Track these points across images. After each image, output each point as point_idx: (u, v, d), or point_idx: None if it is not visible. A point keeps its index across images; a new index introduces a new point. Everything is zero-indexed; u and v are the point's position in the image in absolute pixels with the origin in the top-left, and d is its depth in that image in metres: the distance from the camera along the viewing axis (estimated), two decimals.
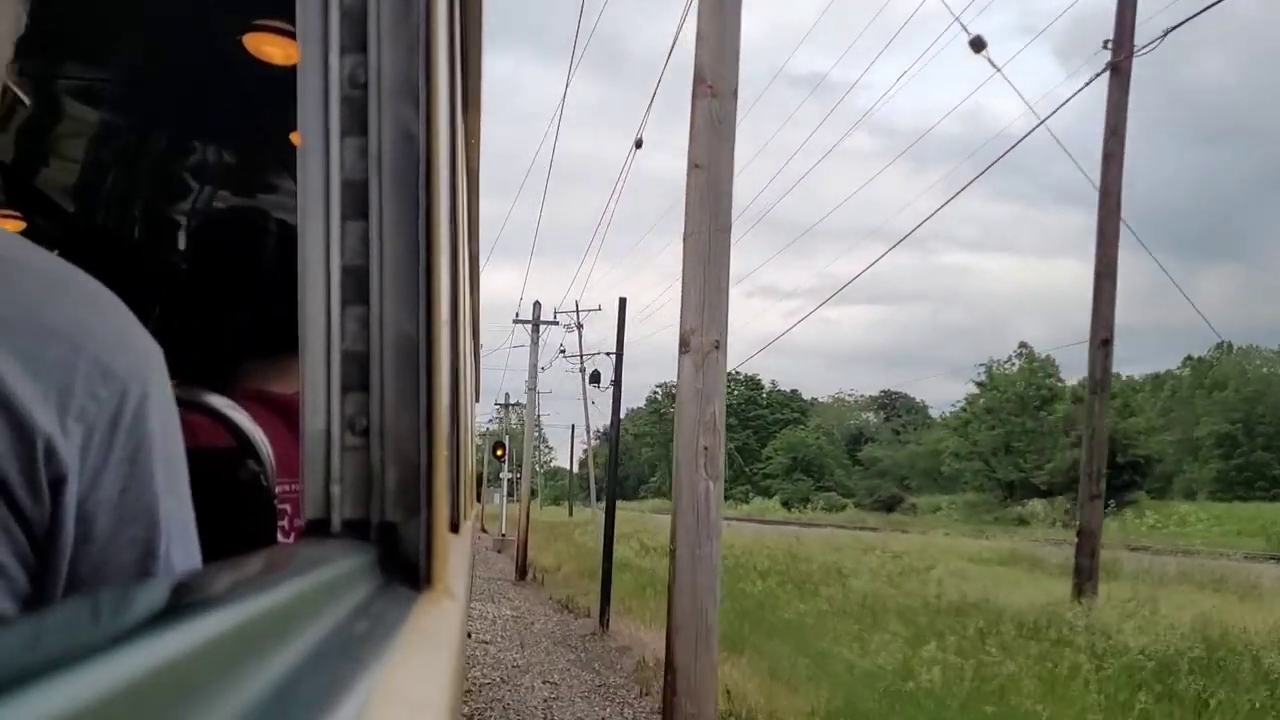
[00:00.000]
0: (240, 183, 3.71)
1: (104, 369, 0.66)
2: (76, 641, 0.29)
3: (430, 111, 0.71)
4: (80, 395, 0.64)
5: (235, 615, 0.37)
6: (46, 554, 0.64)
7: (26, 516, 0.62)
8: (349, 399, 0.69)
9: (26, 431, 0.61)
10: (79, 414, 0.64)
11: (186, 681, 0.30)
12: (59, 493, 0.63)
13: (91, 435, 0.65)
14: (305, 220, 0.68)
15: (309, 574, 0.51)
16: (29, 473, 0.61)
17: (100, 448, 0.66)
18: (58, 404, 0.63)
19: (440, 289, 0.72)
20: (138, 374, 0.69)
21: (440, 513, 0.73)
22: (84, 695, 0.24)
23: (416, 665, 0.52)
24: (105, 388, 0.66)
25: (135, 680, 0.27)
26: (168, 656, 0.30)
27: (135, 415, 0.68)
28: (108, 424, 0.66)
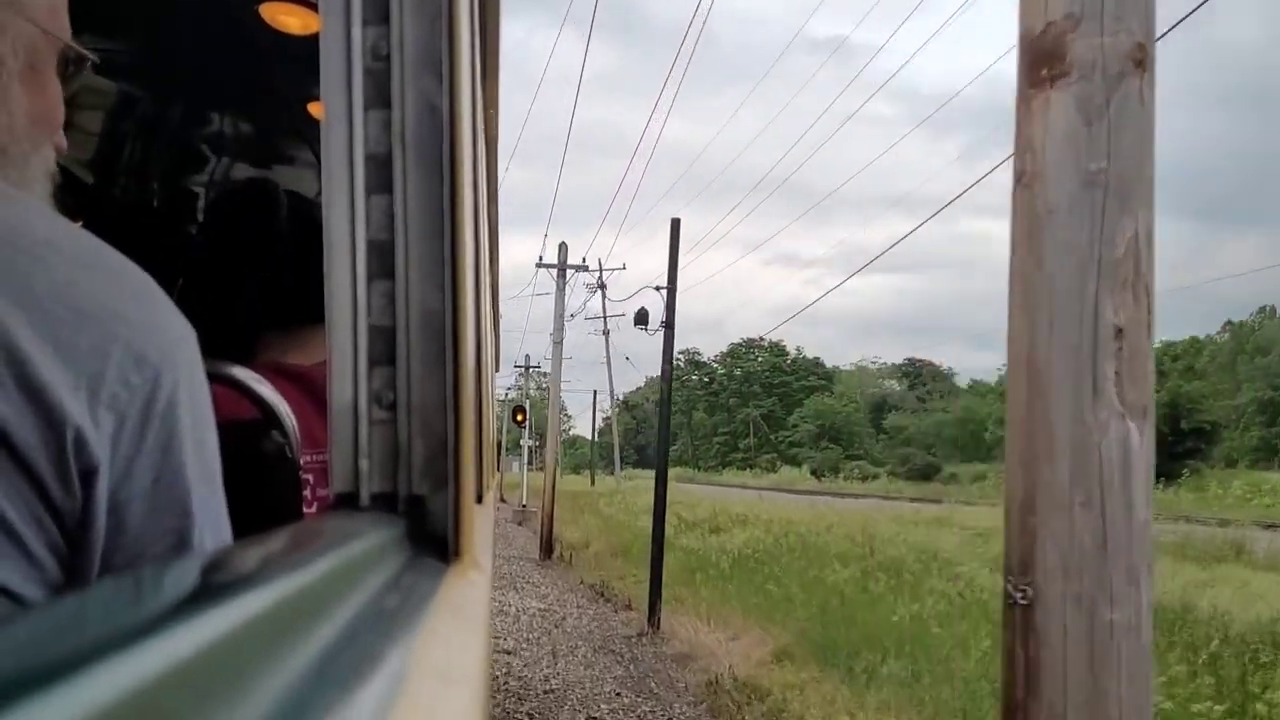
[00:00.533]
0: (257, 154, 3.71)
1: (137, 355, 0.64)
2: (117, 624, 0.29)
3: (453, 83, 0.71)
4: (112, 383, 0.63)
5: (272, 593, 0.37)
6: (79, 545, 0.63)
7: (58, 507, 0.61)
8: (376, 373, 0.69)
9: (57, 421, 0.59)
10: (110, 402, 0.63)
11: (228, 662, 0.31)
12: (90, 484, 0.62)
13: (123, 424, 0.64)
14: (329, 195, 0.68)
15: (340, 549, 0.52)
16: (59, 463, 0.60)
17: (132, 437, 0.64)
18: (89, 392, 0.61)
19: (464, 262, 0.72)
20: (170, 359, 0.68)
21: (467, 485, 0.73)
22: (127, 678, 0.24)
23: (449, 637, 0.53)
24: (138, 374, 0.64)
25: (178, 662, 0.27)
26: (208, 637, 0.30)
27: (168, 403, 0.67)
28: (140, 412, 0.65)
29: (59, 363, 0.60)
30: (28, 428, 0.58)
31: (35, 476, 0.59)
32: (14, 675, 0.21)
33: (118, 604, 0.36)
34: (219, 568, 0.48)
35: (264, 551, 0.50)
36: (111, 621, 0.31)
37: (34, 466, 0.59)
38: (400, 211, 0.69)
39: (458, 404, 0.71)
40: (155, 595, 0.40)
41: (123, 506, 0.65)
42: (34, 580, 0.60)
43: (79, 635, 0.28)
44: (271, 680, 0.33)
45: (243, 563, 0.47)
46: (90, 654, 0.24)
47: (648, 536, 14.89)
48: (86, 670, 0.23)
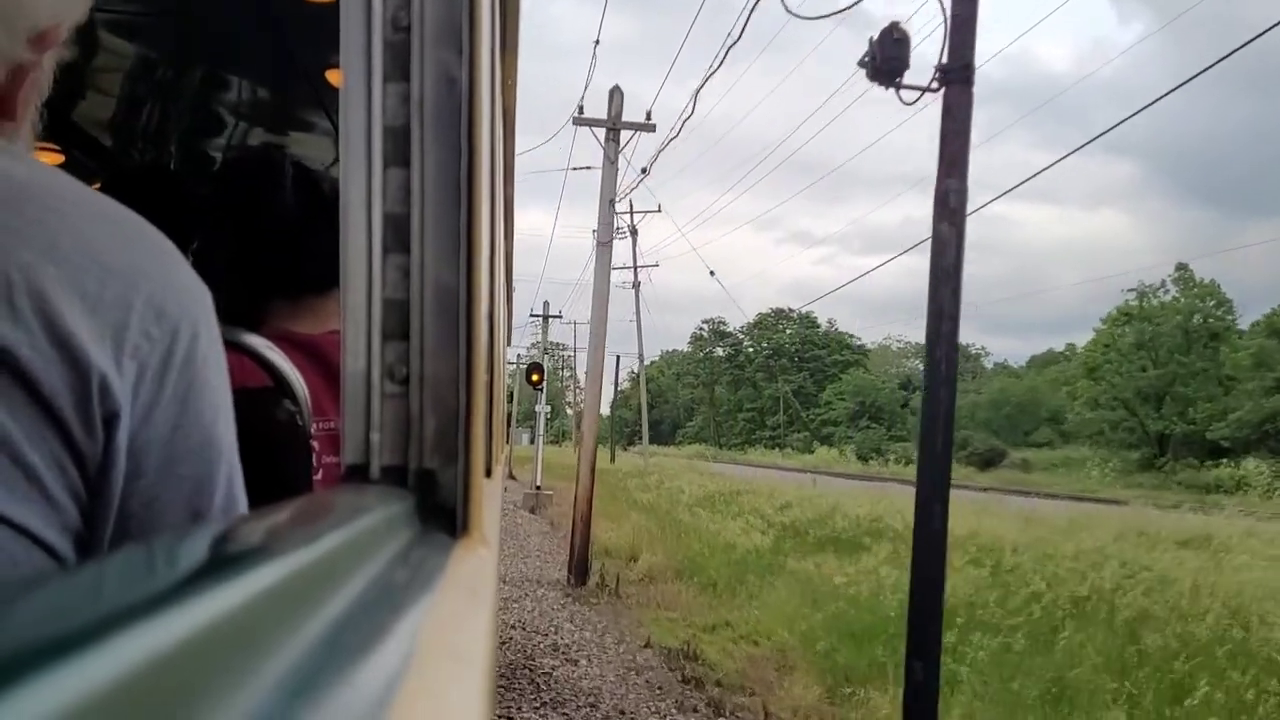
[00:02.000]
0: (274, 120, 3.71)
1: (158, 309, 0.67)
2: (131, 596, 0.29)
3: (473, 56, 0.70)
4: (135, 334, 0.65)
5: (284, 565, 0.37)
6: (98, 489, 0.65)
7: (80, 451, 0.63)
8: (389, 347, 0.69)
9: (82, 368, 0.62)
10: (133, 352, 0.65)
11: (240, 633, 0.31)
12: (112, 429, 0.64)
13: (144, 373, 0.66)
14: (347, 167, 0.68)
15: (351, 522, 0.52)
16: (84, 408, 0.62)
17: (152, 385, 0.67)
18: (113, 341, 0.64)
19: (480, 238, 0.72)
20: (189, 314, 0.70)
21: (477, 461, 0.73)
22: (141, 649, 0.24)
23: (456, 613, 0.53)
24: (158, 327, 0.67)
25: (192, 633, 0.27)
26: (222, 609, 0.30)
27: (186, 355, 0.69)
28: (160, 362, 0.67)
29: (85, 312, 0.62)
30: (54, 373, 0.61)
31: (60, 421, 0.62)
32: (32, 645, 0.22)
33: (132, 575, 0.36)
34: (232, 539, 0.48)
35: (276, 523, 0.50)
36: (126, 593, 0.31)
37: (59, 411, 0.61)
38: (417, 185, 0.69)
39: (469, 379, 0.71)
40: (169, 567, 0.40)
41: (141, 452, 0.67)
42: (54, 524, 0.62)
43: (94, 606, 0.28)
44: (282, 652, 0.33)
45: (254, 535, 0.47)
46: (105, 625, 0.25)
47: (721, 545, 13.23)
48: (102, 641, 0.23)
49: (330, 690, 0.33)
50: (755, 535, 14.74)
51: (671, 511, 18.62)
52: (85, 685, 0.21)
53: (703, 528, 15.71)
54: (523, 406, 50.53)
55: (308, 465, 1.33)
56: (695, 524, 16.32)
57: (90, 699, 0.21)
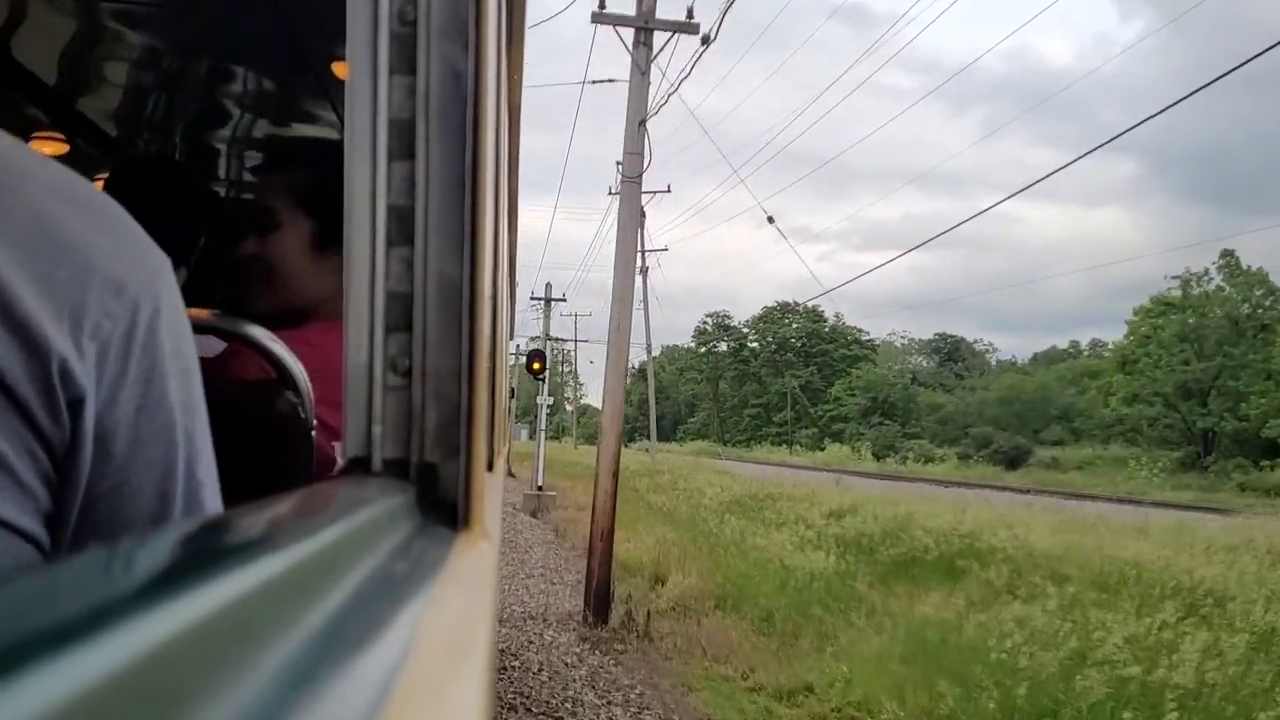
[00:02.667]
0: (280, 112, 3.71)
1: (116, 285, 0.65)
2: (130, 586, 0.30)
3: (479, 49, 0.70)
4: (94, 312, 0.63)
5: (285, 557, 0.38)
6: (67, 474, 0.64)
7: (47, 437, 0.62)
8: (392, 339, 0.69)
9: (42, 353, 0.60)
10: (93, 331, 0.63)
11: (240, 624, 0.31)
12: (77, 414, 0.63)
13: (106, 353, 0.64)
14: (352, 159, 0.68)
15: (352, 515, 0.52)
16: (47, 394, 0.61)
17: (115, 366, 0.65)
18: (71, 322, 0.62)
19: (484, 232, 0.72)
20: (149, 288, 0.68)
21: (479, 455, 0.73)
22: (141, 640, 0.24)
23: (456, 607, 0.53)
24: (118, 304, 0.65)
25: (191, 624, 0.27)
26: (222, 599, 0.30)
27: (148, 331, 0.67)
28: (122, 341, 0.65)
29: (40, 294, 0.60)
30: (13, 360, 0.59)
31: (24, 408, 0.60)
32: (29, 637, 0.22)
33: (132, 566, 0.36)
34: (233, 531, 0.49)
35: (277, 515, 0.50)
36: (125, 584, 0.31)
37: (22, 398, 0.60)
38: (422, 178, 0.69)
39: (472, 372, 0.71)
40: (169, 557, 0.40)
41: (108, 435, 0.65)
42: (29, 512, 0.61)
43: (92, 597, 0.28)
44: (282, 644, 0.33)
45: (255, 526, 0.47)
46: (103, 616, 0.25)
47: (769, 564, 10.64)
48: (100, 632, 0.23)
49: (330, 682, 0.33)
50: (811, 552, 11.50)
51: (697, 518, 15.88)
52: (83, 678, 0.21)
53: (741, 540, 12.94)
54: (520, 402, 48.84)
55: (309, 456, 1.33)
56: (730, 535, 13.50)
57: (89, 691, 0.21)
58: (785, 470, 35.29)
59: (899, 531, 12.53)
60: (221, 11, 2.87)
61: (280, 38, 2.97)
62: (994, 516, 14.06)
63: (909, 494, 19.47)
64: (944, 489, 24.43)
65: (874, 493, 19.54)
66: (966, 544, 11.49)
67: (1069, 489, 32.13)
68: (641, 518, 16.17)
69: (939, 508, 15.16)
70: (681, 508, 17.79)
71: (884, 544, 12.04)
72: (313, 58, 3.02)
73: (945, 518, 13.52)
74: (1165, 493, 35.31)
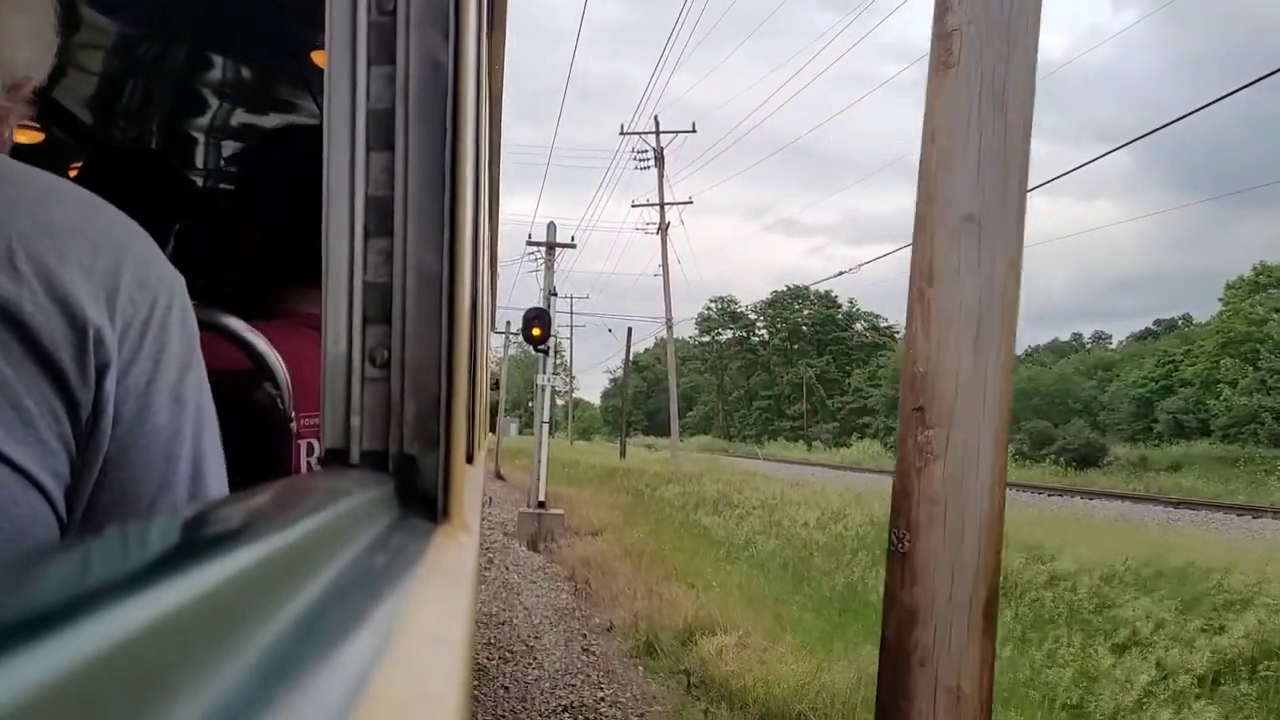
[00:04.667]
0: (258, 100, 3.68)
1: (140, 279, 0.76)
2: (103, 578, 0.29)
3: (459, 38, 0.70)
4: (124, 298, 0.74)
5: (260, 549, 0.37)
6: (89, 436, 0.72)
7: (75, 399, 0.71)
8: (370, 330, 0.69)
9: (80, 323, 0.70)
10: (122, 311, 0.74)
11: (214, 617, 0.31)
12: (104, 378, 0.72)
13: (128, 331, 0.74)
14: (330, 149, 0.67)
15: (329, 506, 0.52)
16: (80, 359, 0.70)
17: (133, 343, 0.75)
18: (106, 302, 0.72)
19: (464, 222, 0.72)
20: (165, 289, 0.78)
21: (458, 447, 0.73)
22: (113, 632, 0.24)
23: (435, 600, 0.53)
24: (141, 294, 0.76)
25: (164, 616, 0.27)
26: (196, 592, 0.30)
27: (161, 322, 0.77)
28: (141, 324, 0.75)
29: (81, 277, 0.71)
30: (54, 327, 0.69)
31: (58, 371, 0.69)
32: (4, 625, 0.21)
33: (107, 556, 0.36)
34: (209, 521, 0.48)
35: (254, 506, 0.50)
36: (100, 573, 0.31)
37: (59, 362, 0.69)
38: (401, 168, 0.68)
39: (451, 364, 0.71)
40: (145, 548, 0.40)
41: (120, 402, 0.74)
42: (47, 469, 0.70)
43: (66, 586, 0.28)
44: (257, 636, 0.33)
45: (233, 517, 0.47)
46: (77, 605, 0.24)
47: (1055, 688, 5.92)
48: (74, 622, 0.23)
49: (307, 674, 0.33)
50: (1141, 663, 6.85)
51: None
52: (56, 666, 0.21)
53: (823, 573, 9.99)
54: (511, 395, 45.22)
55: (288, 448, 1.32)
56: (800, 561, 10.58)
57: (62, 680, 0.21)
58: (825, 471, 31.51)
59: (1222, 604, 7.97)
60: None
61: (259, 24, 2.95)
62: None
63: (1060, 514, 15.55)
64: (1050, 497, 21.81)
65: (1030, 512, 14.92)
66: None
67: (1195, 497, 24.74)
68: (702, 560, 11.00)
69: (1187, 539, 11.23)
70: (768, 544, 12.16)
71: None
72: (292, 45, 2.99)
73: (1213, 555, 9.53)
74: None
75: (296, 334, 1.43)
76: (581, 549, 12.12)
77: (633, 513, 15.72)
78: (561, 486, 18.41)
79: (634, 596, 8.82)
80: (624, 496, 18.67)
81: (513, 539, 13.93)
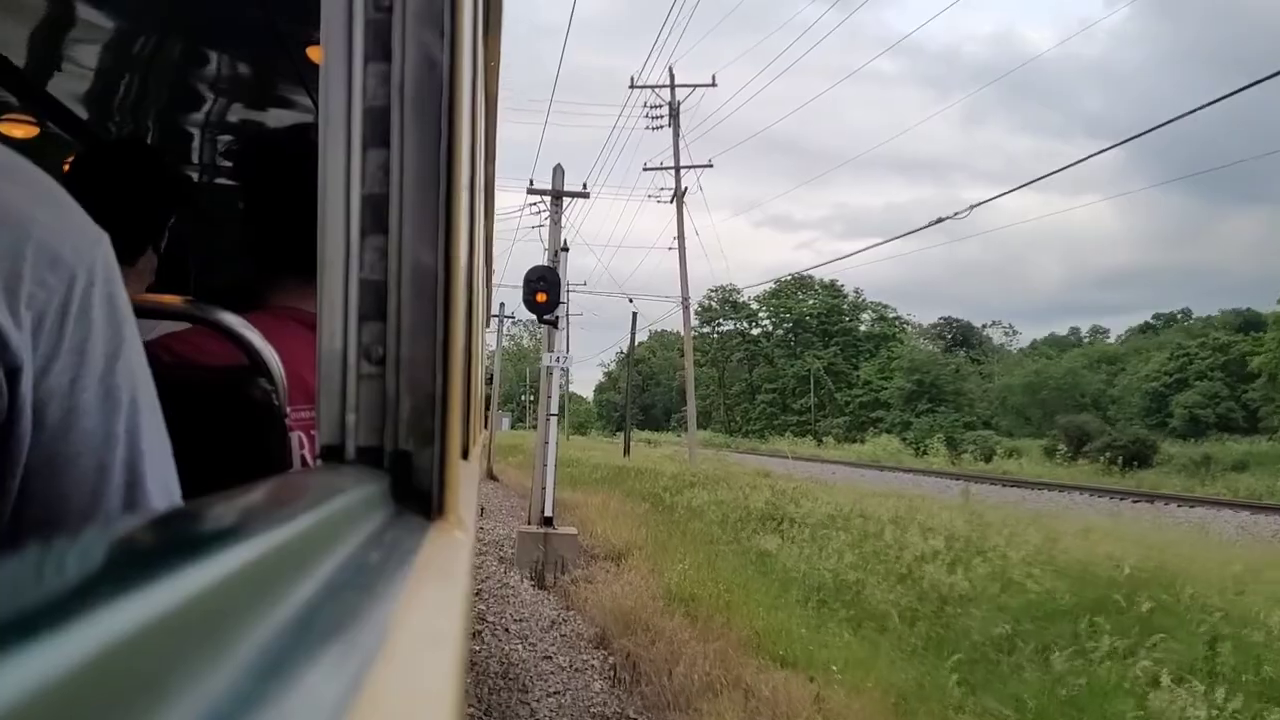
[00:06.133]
0: (254, 96, 3.67)
1: (51, 255, 0.65)
2: (97, 575, 0.29)
3: (455, 37, 0.70)
4: (29, 283, 0.63)
5: (256, 545, 0.37)
6: (6, 446, 0.63)
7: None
8: (366, 328, 0.69)
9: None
10: (28, 302, 0.63)
11: (209, 613, 0.31)
12: (15, 382, 0.63)
13: (42, 324, 0.64)
14: (326, 147, 0.67)
15: (325, 503, 0.52)
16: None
17: (50, 336, 0.65)
18: (7, 292, 0.62)
19: (459, 219, 0.72)
20: (84, 260, 0.67)
21: (453, 443, 0.73)
22: (107, 630, 0.24)
23: (430, 596, 0.53)
24: (54, 275, 0.65)
25: (160, 613, 0.27)
26: (191, 588, 0.30)
27: (82, 303, 0.67)
28: (57, 312, 0.65)
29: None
30: None
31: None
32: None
33: (101, 554, 0.36)
34: (205, 518, 0.48)
35: (249, 503, 0.50)
36: (93, 571, 0.31)
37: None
38: (396, 166, 0.68)
39: (446, 361, 0.71)
40: (139, 545, 0.40)
41: (42, 405, 0.65)
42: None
43: (59, 585, 0.28)
44: (252, 633, 0.33)
45: (228, 514, 0.47)
46: (71, 605, 0.24)
47: None
48: (68, 621, 0.23)
49: (302, 672, 0.33)
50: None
51: (973, 633, 7.06)
52: (52, 668, 0.21)
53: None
54: (503, 388, 42.77)
55: (283, 444, 1.32)
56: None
57: (56, 680, 0.21)
58: (846, 470, 28.69)
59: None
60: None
61: (255, 19, 2.94)
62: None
63: (1160, 526, 13.41)
64: (1130, 503, 19.28)
65: (1134, 527, 12.61)
66: None
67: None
68: (811, 622, 7.35)
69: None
70: (872, 586, 8.58)
71: None
72: (288, 41, 2.99)
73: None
74: None
75: (284, 327, 1.43)
76: (607, 589, 8.65)
77: (659, 526, 12.45)
78: (564, 490, 15.07)
79: (711, 687, 5.64)
80: (641, 504, 15.40)
81: (511, 568, 10.93)
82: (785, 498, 15.05)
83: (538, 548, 10.76)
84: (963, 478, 27.99)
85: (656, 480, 19.11)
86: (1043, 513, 14.59)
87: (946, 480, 26.94)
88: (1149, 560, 9.13)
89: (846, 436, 66.90)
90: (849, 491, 16.68)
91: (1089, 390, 64.98)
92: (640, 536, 11.59)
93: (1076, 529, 11.85)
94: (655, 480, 19.15)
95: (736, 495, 15.62)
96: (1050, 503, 19.57)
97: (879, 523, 11.97)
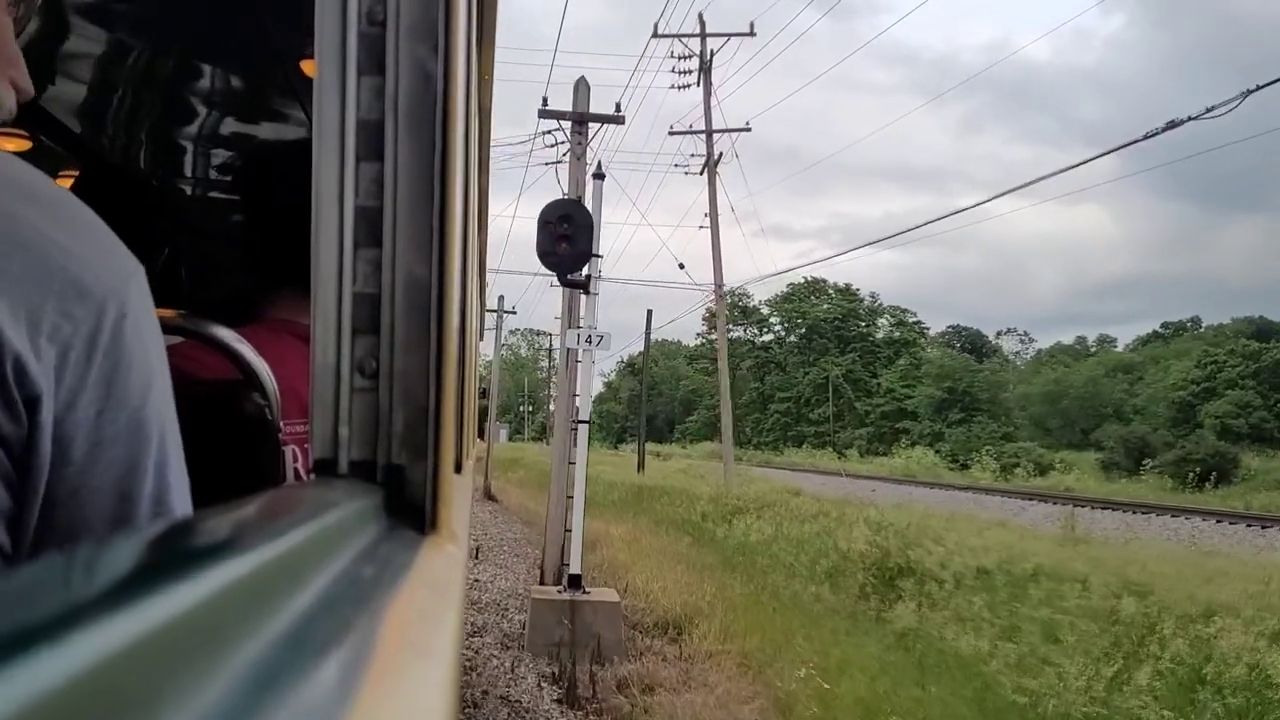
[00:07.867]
0: (248, 109, 3.68)
1: (79, 287, 0.64)
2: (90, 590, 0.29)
3: (449, 51, 0.70)
4: (52, 314, 0.62)
5: (249, 560, 0.37)
6: (26, 473, 0.63)
7: (4, 434, 0.61)
8: (359, 341, 0.69)
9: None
10: (51, 333, 0.62)
11: (202, 628, 0.31)
12: (34, 412, 0.62)
13: (66, 356, 0.63)
14: (320, 160, 0.67)
15: (318, 517, 0.52)
16: (2, 390, 0.60)
17: (76, 369, 0.64)
18: (28, 323, 0.61)
19: (453, 232, 0.72)
20: (115, 293, 0.67)
21: (447, 457, 0.73)
22: (101, 645, 0.24)
23: (423, 611, 0.53)
24: (80, 307, 0.64)
25: (153, 628, 0.27)
26: (184, 603, 0.30)
27: (113, 335, 0.66)
28: (84, 345, 0.64)
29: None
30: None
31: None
32: None
33: (96, 568, 0.36)
34: (198, 533, 0.48)
35: (242, 517, 0.50)
36: (89, 586, 0.31)
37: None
38: (390, 179, 0.68)
39: (440, 374, 0.71)
40: (134, 560, 0.40)
41: (67, 438, 0.64)
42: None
43: (53, 601, 0.28)
44: (245, 647, 0.33)
45: (221, 528, 0.47)
46: (65, 620, 0.24)
47: None
48: (62, 636, 0.23)
49: (295, 685, 0.33)
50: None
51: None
52: (48, 681, 0.21)
53: None
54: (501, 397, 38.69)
55: (276, 458, 1.32)
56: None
57: (50, 695, 0.21)
58: (888, 487, 25.11)
59: None
60: (190, 6, 2.84)
61: (249, 33, 2.95)
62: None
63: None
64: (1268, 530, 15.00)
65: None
66: None
67: None
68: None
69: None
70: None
71: None
72: (282, 54, 2.99)
73: None
74: None
75: (279, 340, 1.43)
76: (682, 702, 5.64)
77: (721, 575, 9.29)
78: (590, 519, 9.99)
79: None
80: (680, 537, 12.45)
81: (521, 654, 7.06)
82: (891, 534, 10.37)
83: (561, 623, 7.16)
84: (1034, 496, 25.31)
85: (688, 504, 15.84)
86: (1206, 549, 11.09)
87: (1017, 501, 23.52)
88: None
89: (870, 449, 62.07)
90: (924, 514, 12.51)
91: (1110, 400, 62.49)
92: (701, 591, 8.46)
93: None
94: (686, 504, 15.91)
95: (808, 528, 11.66)
96: (1174, 533, 15.62)
97: (1073, 582, 7.80)
